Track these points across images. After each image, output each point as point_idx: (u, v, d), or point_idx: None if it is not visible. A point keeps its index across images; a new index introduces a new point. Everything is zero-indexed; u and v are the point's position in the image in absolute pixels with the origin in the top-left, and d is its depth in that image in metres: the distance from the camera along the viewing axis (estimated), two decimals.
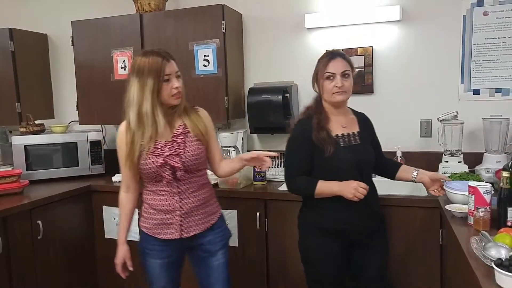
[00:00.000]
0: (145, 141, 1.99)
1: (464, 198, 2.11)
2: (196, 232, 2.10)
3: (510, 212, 1.84)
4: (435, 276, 2.53)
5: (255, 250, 2.87)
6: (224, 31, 3.15)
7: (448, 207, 2.15)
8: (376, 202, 2.27)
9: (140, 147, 2.00)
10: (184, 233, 2.08)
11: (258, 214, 2.81)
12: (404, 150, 3.04)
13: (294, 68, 3.39)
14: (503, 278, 1.34)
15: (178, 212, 2.05)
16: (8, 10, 4.19)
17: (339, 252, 2.18)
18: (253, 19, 3.49)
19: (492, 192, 1.94)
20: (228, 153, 3.19)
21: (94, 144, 3.55)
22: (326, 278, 2.21)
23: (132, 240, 3.15)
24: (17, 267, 2.69)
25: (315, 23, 3.25)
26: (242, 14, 3.48)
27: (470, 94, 3.04)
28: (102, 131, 3.83)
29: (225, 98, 3.19)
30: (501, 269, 1.35)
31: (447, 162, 2.87)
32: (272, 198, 2.82)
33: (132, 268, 2.21)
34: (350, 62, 2.18)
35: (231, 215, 2.86)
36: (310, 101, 3.32)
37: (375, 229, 2.22)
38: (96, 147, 3.55)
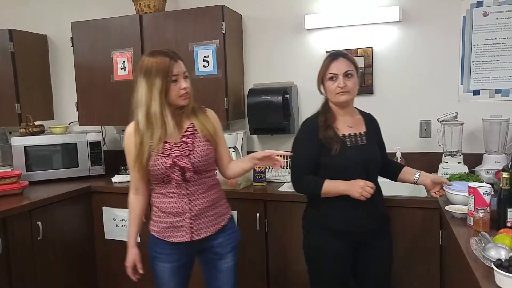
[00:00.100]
0: (154, 142, 1.96)
1: (464, 199, 2.11)
2: (207, 234, 2.06)
3: (510, 213, 1.83)
4: (434, 277, 2.52)
5: (255, 250, 2.87)
6: (224, 32, 3.15)
7: (448, 208, 2.15)
8: (382, 203, 2.26)
9: (149, 149, 1.97)
10: (194, 235, 2.04)
11: (258, 215, 2.81)
12: (404, 151, 3.04)
13: (294, 69, 3.40)
14: (503, 279, 1.34)
15: (187, 214, 2.02)
16: (8, 11, 4.20)
17: (344, 253, 2.16)
18: (253, 20, 3.49)
19: (492, 193, 1.94)
20: None
21: (94, 145, 3.55)
22: (330, 278, 2.20)
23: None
24: (17, 268, 2.69)
25: (315, 24, 3.25)
26: (242, 15, 3.48)
27: (470, 94, 3.04)
28: (102, 132, 3.84)
29: (225, 99, 3.19)
30: (500, 270, 1.34)
31: (447, 163, 2.87)
32: (272, 199, 2.82)
33: (142, 271, 2.17)
34: (354, 62, 2.17)
35: None
36: (309, 101, 3.35)
37: (380, 229, 2.21)
38: (96, 148, 3.55)
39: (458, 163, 2.85)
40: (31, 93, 3.88)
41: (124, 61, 3.41)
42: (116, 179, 3.32)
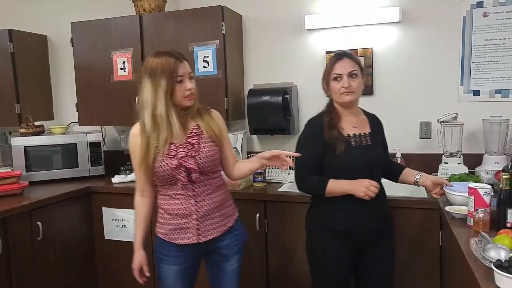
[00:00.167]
0: (160, 143, 1.94)
1: (463, 199, 2.11)
2: (213, 236, 2.05)
3: (510, 213, 1.83)
4: (434, 278, 2.52)
5: (255, 251, 2.86)
6: (223, 32, 3.15)
7: (447, 208, 2.15)
8: (385, 203, 2.26)
9: (155, 150, 1.95)
10: (201, 237, 2.02)
11: (257, 215, 2.80)
12: (404, 152, 3.04)
13: (294, 70, 3.40)
14: (503, 280, 1.34)
15: (194, 216, 2.00)
16: (8, 11, 4.20)
17: (347, 253, 2.16)
18: (253, 20, 3.49)
19: (492, 193, 1.94)
20: None
21: (94, 146, 3.55)
22: (332, 279, 2.19)
23: (131, 241, 3.18)
24: (16, 268, 2.68)
25: (315, 25, 3.25)
26: (241, 16, 3.48)
27: (470, 95, 3.04)
28: (102, 133, 3.84)
29: (224, 99, 3.19)
30: (500, 270, 1.35)
31: (446, 163, 2.87)
32: (272, 200, 2.82)
33: (149, 274, 2.14)
34: (359, 62, 2.16)
35: None
36: (309, 102, 3.36)
37: (383, 229, 2.21)
38: (95, 148, 3.55)
39: (458, 163, 2.84)
40: (31, 93, 3.88)
41: (124, 61, 3.41)
42: (116, 179, 3.32)
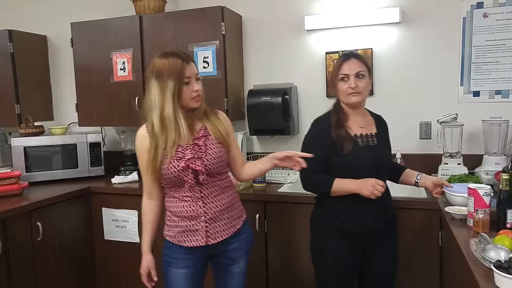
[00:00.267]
0: (168, 145, 1.92)
1: (463, 200, 2.11)
2: (222, 237, 2.02)
3: (510, 214, 1.83)
4: (434, 278, 2.52)
5: (254, 252, 2.84)
6: (223, 33, 3.15)
7: (447, 209, 2.15)
8: (390, 203, 2.26)
9: (163, 152, 1.93)
10: (210, 239, 1.99)
11: (257, 216, 2.80)
12: (404, 152, 3.04)
13: (293, 70, 3.40)
14: (502, 280, 1.34)
15: (203, 218, 1.98)
16: (8, 12, 4.20)
17: (352, 253, 2.15)
18: (252, 21, 3.49)
19: (492, 194, 1.94)
20: None
21: (94, 146, 3.54)
22: (337, 279, 2.19)
23: (130, 242, 3.18)
24: (16, 269, 2.68)
25: (314, 25, 3.25)
26: (241, 16, 3.48)
27: (469, 96, 3.04)
28: (102, 133, 3.83)
29: (224, 100, 3.19)
30: (500, 271, 1.35)
31: (446, 164, 2.87)
32: (272, 200, 2.82)
33: (156, 278, 2.11)
34: (366, 63, 2.16)
35: None
36: (309, 102, 3.35)
37: (387, 230, 2.20)
38: (95, 149, 3.55)
39: (458, 164, 2.84)
40: (31, 93, 3.88)
41: (123, 62, 3.41)
42: (115, 180, 3.32)
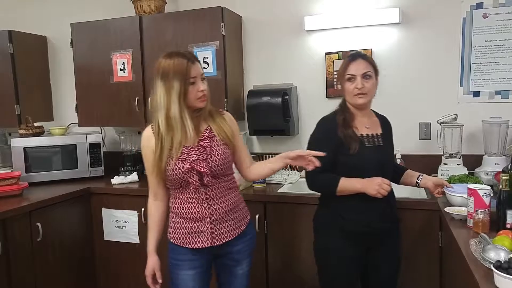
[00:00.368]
0: (174, 146, 1.91)
1: (463, 200, 2.11)
2: (227, 239, 2.01)
3: (509, 214, 1.83)
4: (434, 279, 2.52)
5: (254, 252, 2.85)
6: (223, 33, 3.15)
7: (447, 209, 2.15)
8: (394, 203, 2.26)
9: (169, 153, 1.92)
10: (215, 240, 1.98)
11: (257, 217, 2.80)
12: (404, 153, 3.04)
13: (293, 70, 3.40)
14: (502, 281, 1.34)
15: (208, 219, 1.96)
16: (8, 12, 4.19)
17: (356, 253, 2.15)
18: (252, 22, 3.49)
19: (492, 194, 1.94)
20: None
21: (94, 147, 3.54)
22: (342, 279, 2.19)
23: (130, 243, 3.18)
24: (16, 269, 2.68)
25: (314, 26, 3.25)
26: (241, 17, 3.48)
27: (469, 96, 3.04)
28: (102, 133, 3.83)
29: (224, 100, 3.19)
30: (500, 271, 1.34)
31: (446, 164, 2.87)
32: (272, 201, 2.82)
33: (161, 280, 2.08)
34: (373, 64, 2.16)
35: None
36: (309, 102, 3.35)
37: (391, 229, 2.20)
38: (95, 149, 3.55)
39: (458, 164, 2.85)
40: (31, 94, 3.88)
41: (123, 62, 3.41)
42: (115, 180, 3.32)
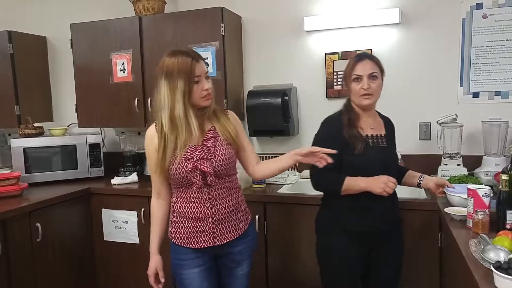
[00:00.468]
0: (179, 146, 1.90)
1: (463, 201, 2.11)
2: (228, 239, 2.00)
3: (509, 214, 1.83)
4: (434, 279, 2.52)
5: (254, 253, 2.86)
6: (223, 33, 3.15)
7: (447, 210, 2.15)
8: (397, 204, 2.26)
9: (173, 152, 1.91)
10: (216, 240, 1.97)
11: (257, 217, 2.80)
12: (403, 153, 3.03)
13: (293, 71, 3.40)
14: (502, 281, 1.34)
15: (210, 219, 1.95)
16: (7, 13, 4.19)
17: (359, 253, 2.15)
18: (252, 22, 3.49)
19: (491, 195, 1.94)
20: None
21: (93, 147, 3.54)
22: (344, 279, 2.18)
23: (130, 243, 3.18)
24: (16, 269, 2.68)
25: (314, 26, 3.25)
26: (241, 17, 3.48)
27: (469, 97, 3.04)
28: (101, 134, 3.84)
29: (224, 101, 3.19)
30: (499, 271, 1.34)
31: (446, 165, 2.87)
32: (272, 201, 2.82)
33: (163, 280, 2.07)
34: (379, 64, 2.15)
35: None
36: (309, 103, 3.35)
37: (393, 230, 2.20)
38: (95, 149, 3.55)
39: (458, 165, 2.85)
40: (31, 94, 3.88)
41: (123, 62, 3.41)
42: (115, 181, 3.32)
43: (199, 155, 1.92)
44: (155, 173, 2.00)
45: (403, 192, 2.70)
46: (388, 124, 2.30)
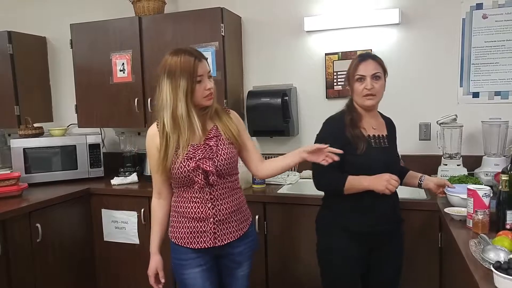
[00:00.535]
0: (181, 145, 1.89)
1: (463, 201, 2.11)
2: (229, 240, 1.99)
3: (509, 215, 1.83)
4: (434, 279, 2.52)
5: (254, 253, 2.86)
6: (223, 34, 3.15)
7: (447, 210, 2.15)
8: (398, 204, 2.26)
9: (175, 152, 1.90)
10: (217, 241, 1.96)
11: (257, 217, 2.80)
12: (403, 153, 3.01)
13: (293, 71, 3.40)
14: (502, 281, 1.34)
15: (211, 219, 1.94)
16: (7, 13, 4.19)
17: (360, 253, 2.15)
18: (252, 22, 3.49)
19: (491, 195, 1.94)
20: None
21: (93, 147, 3.54)
22: (345, 279, 2.18)
23: (130, 243, 3.18)
24: (16, 270, 2.68)
25: (314, 26, 3.25)
26: (241, 17, 3.48)
27: (469, 97, 3.04)
28: (101, 134, 3.84)
29: (224, 101, 3.19)
30: (499, 272, 1.34)
31: (446, 165, 2.87)
32: (271, 201, 2.82)
33: (163, 280, 2.07)
34: (382, 64, 2.15)
35: None
36: (309, 103, 3.35)
37: (394, 230, 2.20)
38: (95, 150, 3.55)
39: (458, 165, 2.85)
40: (30, 95, 3.88)
41: (123, 63, 3.41)
42: (115, 181, 3.32)
43: (201, 154, 1.91)
44: (156, 172, 2.00)
45: (403, 192, 2.70)
46: (390, 125, 2.30)
